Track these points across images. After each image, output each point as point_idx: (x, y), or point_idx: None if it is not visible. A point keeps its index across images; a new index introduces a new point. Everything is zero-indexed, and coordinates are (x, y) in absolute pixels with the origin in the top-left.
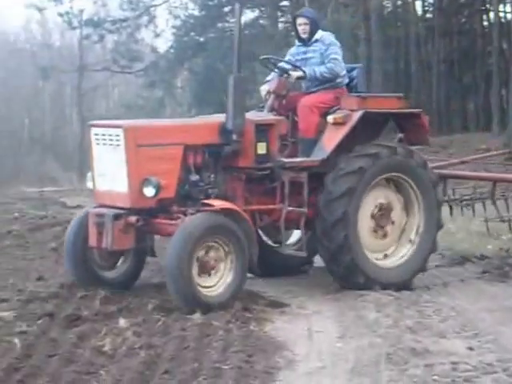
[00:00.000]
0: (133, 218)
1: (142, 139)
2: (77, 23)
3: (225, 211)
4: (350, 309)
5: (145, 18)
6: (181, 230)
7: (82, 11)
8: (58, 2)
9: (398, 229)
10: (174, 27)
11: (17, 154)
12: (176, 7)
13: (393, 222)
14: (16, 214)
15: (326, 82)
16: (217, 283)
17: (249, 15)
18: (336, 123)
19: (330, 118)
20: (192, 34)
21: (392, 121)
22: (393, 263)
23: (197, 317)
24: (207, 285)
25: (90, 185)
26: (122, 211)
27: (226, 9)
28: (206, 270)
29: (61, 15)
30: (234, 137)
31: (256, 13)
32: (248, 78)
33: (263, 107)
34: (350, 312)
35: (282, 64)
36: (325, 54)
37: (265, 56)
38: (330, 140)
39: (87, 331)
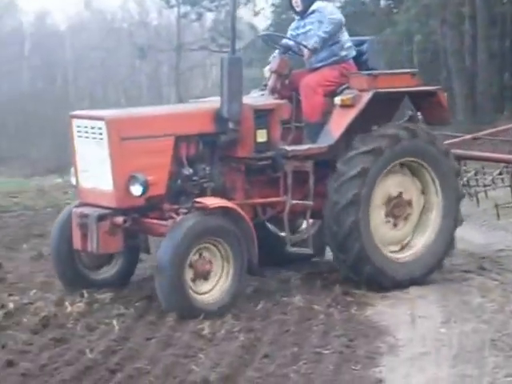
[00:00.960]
0: (119, 219)
1: (126, 131)
2: (174, 1)
3: (220, 210)
4: (453, 293)
5: None
6: (171, 232)
7: None
8: None
9: (413, 221)
10: (273, 5)
11: None
12: None
13: (408, 213)
14: None
15: (332, 57)
16: (213, 288)
17: None
18: (344, 105)
19: (337, 100)
20: (291, 11)
21: (409, 100)
22: (406, 257)
23: (297, 300)
24: (203, 290)
25: (73, 180)
26: (107, 211)
27: None
28: (200, 274)
29: None
30: (231, 125)
31: None
32: (242, 60)
33: (266, 86)
34: (453, 297)
35: (284, 41)
36: (324, 18)
37: (264, 33)
38: (338, 124)
39: (186, 314)
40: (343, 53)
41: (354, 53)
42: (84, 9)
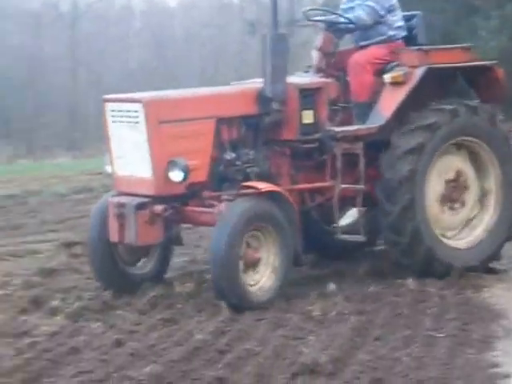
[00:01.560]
0: (159, 208)
1: (164, 114)
2: None
3: (269, 194)
4: None
5: None
6: (222, 220)
7: None
8: None
9: (470, 206)
10: None
11: None
12: None
13: (465, 198)
14: None
15: (379, 36)
16: (261, 278)
17: None
18: (395, 82)
19: (387, 77)
20: None
21: (461, 76)
22: (463, 244)
23: (410, 282)
24: (253, 281)
25: (108, 169)
26: (145, 200)
27: None
28: (250, 264)
29: None
30: (275, 105)
31: None
32: (287, 36)
33: (310, 67)
34: None
35: (330, 16)
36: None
37: (309, 8)
38: (389, 103)
39: (296, 295)
40: (391, 32)
41: (404, 33)
42: None
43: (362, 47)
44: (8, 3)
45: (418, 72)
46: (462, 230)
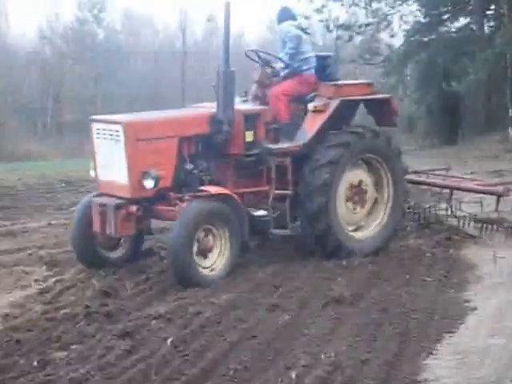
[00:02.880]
0: (134, 208)
1: (140, 134)
2: (333, 27)
3: (220, 196)
4: None
5: (383, 23)
6: (182, 216)
7: (337, 18)
8: (320, 12)
9: (367, 208)
10: (404, 30)
11: None
12: (406, 15)
13: (364, 201)
14: None
15: (291, 70)
16: (215, 262)
17: (462, 21)
18: (316, 110)
19: (310, 106)
20: (418, 35)
21: (364, 106)
22: (361, 236)
23: (410, 243)
24: (207, 264)
25: (92, 173)
26: (123, 201)
27: (445, 16)
28: (205, 250)
29: (321, 21)
30: (225, 127)
31: (468, 19)
32: (235, 73)
33: (246, 93)
34: None
35: (264, 56)
36: (286, 42)
37: (249, 49)
38: (312, 126)
39: None
40: (296, 64)
41: (311, 64)
42: None
43: (281, 80)
44: (136, 43)
45: (334, 103)
46: (361, 226)
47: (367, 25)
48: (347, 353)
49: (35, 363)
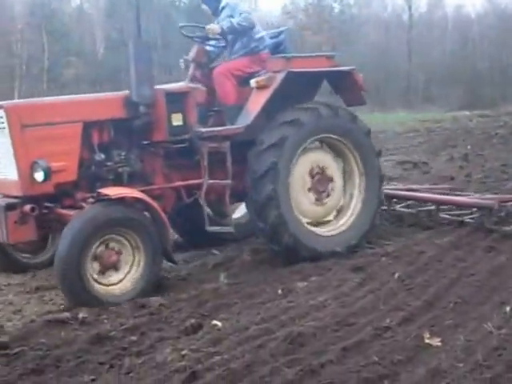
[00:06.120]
0: (27, 207)
1: (26, 119)
2: None
3: (125, 200)
4: None
5: None
6: (72, 223)
7: None
8: None
9: (336, 197)
10: None
11: None
12: None
13: (331, 190)
14: (501, 123)
15: (243, 49)
16: (124, 278)
17: None
18: (259, 87)
19: (252, 82)
20: None
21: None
22: (329, 232)
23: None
24: (112, 281)
25: None
26: (15, 200)
27: None
28: (107, 265)
29: None
30: (142, 109)
31: None
32: (150, 44)
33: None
34: None
35: (200, 32)
36: (235, 13)
37: (182, 24)
38: (255, 105)
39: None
40: (253, 44)
41: (266, 43)
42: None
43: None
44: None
45: (280, 76)
46: (329, 219)
47: None
48: None
49: (279, 291)
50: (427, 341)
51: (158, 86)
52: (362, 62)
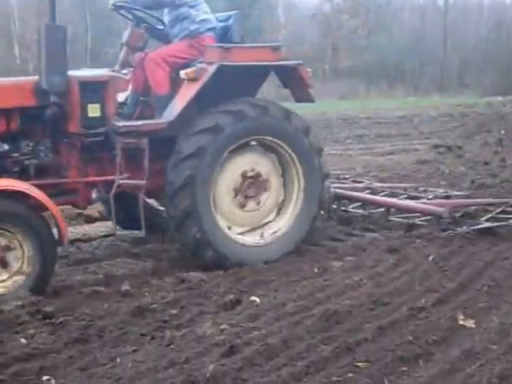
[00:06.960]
0: None
1: None
2: None
3: (5, 192)
4: None
5: None
6: None
7: None
8: None
9: (271, 203)
10: None
11: None
12: None
13: (265, 195)
14: None
15: (183, 31)
16: (13, 275)
17: None
18: (189, 79)
19: (182, 73)
20: None
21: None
22: (260, 240)
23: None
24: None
25: None
26: None
27: None
28: None
29: None
30: (53, 98)
31: None
32: (65, 29)
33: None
34: None
35: (137, 12)
36: None
37: (117, 2)
38: (181, 98)
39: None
40: (194, 26)
41: (209, 26)
42: None
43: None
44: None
45: (211, 69)
46: (261, 226)
47: None
48: None
49: (316, 270)
50: (461, 322)
51: (72, 73)
52: (398, 46)
